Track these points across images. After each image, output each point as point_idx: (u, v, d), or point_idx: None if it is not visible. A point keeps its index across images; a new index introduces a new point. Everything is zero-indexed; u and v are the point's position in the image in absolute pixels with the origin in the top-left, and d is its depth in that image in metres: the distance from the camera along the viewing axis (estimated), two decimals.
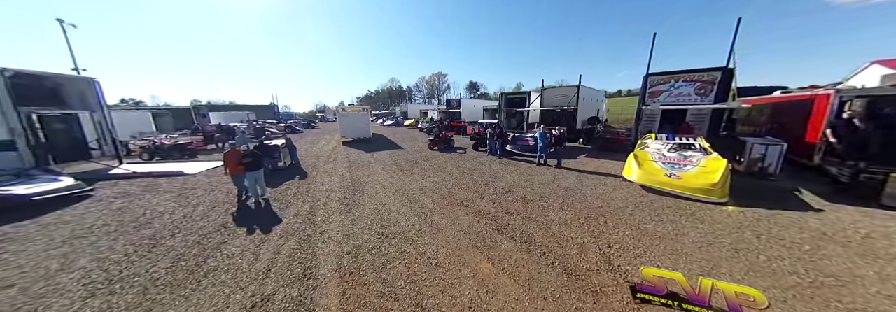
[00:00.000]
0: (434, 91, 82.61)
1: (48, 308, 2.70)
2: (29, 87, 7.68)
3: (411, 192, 6.00)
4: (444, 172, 7.90)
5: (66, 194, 5.81)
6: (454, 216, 4.61)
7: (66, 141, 9.02)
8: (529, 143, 9.84)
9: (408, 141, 16.02)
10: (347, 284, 2.91)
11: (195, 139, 13.53)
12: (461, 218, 4.50)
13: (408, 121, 31.36)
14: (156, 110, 20.09)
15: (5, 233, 4.36)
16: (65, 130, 9.09)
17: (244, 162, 5.40)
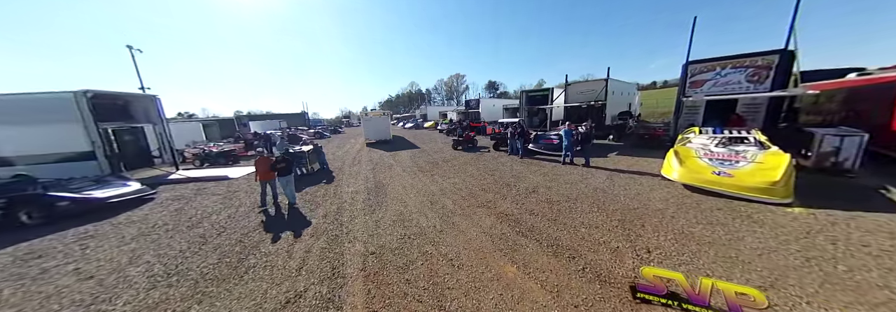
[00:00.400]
0: (452, 92, 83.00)
1: (119, 297, 3.05)
2: (105, 106, 8.88)
3: (432, 193, 6.01)
4: (464, 173, 7.81)
5: (134, 197, 6.60)
6: (475, 217, 4.52)
7: (134, 150, 10.28)
8: (553, 142, 9.44)
9: (427, 142, 16.19)
10: (372, 284, 2.95)
11: (237, 146, 14.77)
12: (483, 220, 4.40)
13: (427, 123, 31.66)
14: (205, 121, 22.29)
15: (87, 231, 5.03)
16: (133, 141, 10.38)
17: (277, 168, 5.64)
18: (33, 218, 5.48)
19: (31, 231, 5.16)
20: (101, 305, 2.93)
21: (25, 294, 3.22)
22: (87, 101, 8.06)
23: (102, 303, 2.95)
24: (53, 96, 7.98)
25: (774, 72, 7.96)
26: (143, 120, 10.41)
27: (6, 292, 3.28)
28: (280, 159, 5.80)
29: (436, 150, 12.63)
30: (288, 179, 5.75)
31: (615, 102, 14.07)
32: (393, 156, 11.50)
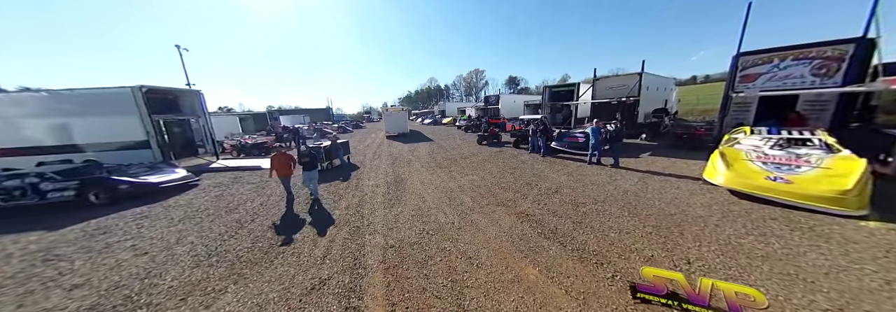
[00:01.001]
0: (472, 88, 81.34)
1: (168, 273, 3.33)
2: (157, 100, 9.69)
3: (450, 190, 5.96)
4: (482, 170, 7.67)
5: (181, 183, 7.19)
6: (495, 216, 4.41)
7: (181, 141, 11.19)
8: (578, 140, 8.92)
9: (445, 139, 16.15)
10: (392, 276, 2.99)
11: (269, 139, 15.62)
12: (502, 219, 4.28)
13: (446, 119, 31.50)
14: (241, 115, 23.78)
15: (142, 212, 5.56)
16: (180, 132, 11.28)
17: (302, 162, 5.60)
18: (100, 198, 6.15)
19: (98, 210, 5.80)
20: (153, 279, 3.22)
21: (93, 265, 3.62)
22: (142, 96, 8.84)
23: (154, 278, 3.24)
24: (114, 91, 8.82)
25: (848, 64, 6.74)
26: (189, 113, 11.27)
27: (78, 263, 3.71)
28: (304, 154, 5.74)
29: (454, 147, 12.54)
30: (312, 175, 5.67)
31: (649, 98, 12.79)
32: (412, 152, 11.59)
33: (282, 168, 5.59)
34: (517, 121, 15.25)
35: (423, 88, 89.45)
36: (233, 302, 2.75)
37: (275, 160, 5.62)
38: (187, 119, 11.33)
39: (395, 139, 17.04)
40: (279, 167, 5.58)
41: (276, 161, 5.61)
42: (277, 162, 5.59)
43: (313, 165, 5.70)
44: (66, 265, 3.65)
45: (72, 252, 4.02)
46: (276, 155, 5.66)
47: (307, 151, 5.98)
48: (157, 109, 9.47)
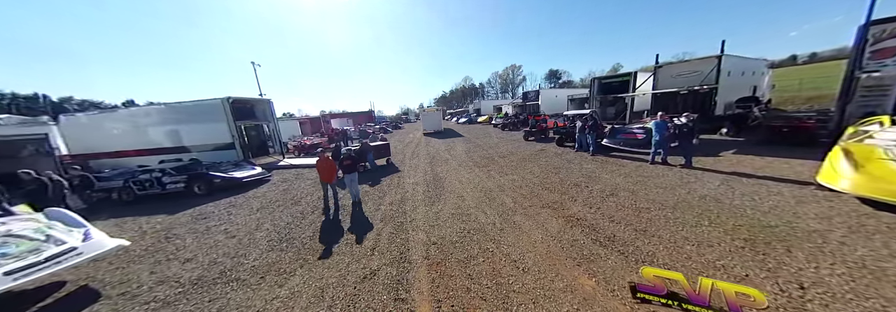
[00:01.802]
0: (508, 85, 77.74)
1: (250, 254, 3.89)
2: (239, 108, 11.40)
3: (489, 189, 5.83)
4: (522, 170, 7.33)
5: (257, 178, 8.35)
6: (540, 219, 4.16)
7: (257, 142, 12.98)
8: (637, 137, 7.87)
9: (481, 137, 15.90)
10: (436, 273, 3.03)
11: (322, 140, 17.26)
12: (548, 222, 4.01)
13: (481, 117, 30.86)
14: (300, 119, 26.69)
15: (231, 202, 6.59)
16: (256, 135, 13.10)
17: (344, 165, 5.51)
18: (201, 189, 7.46)
19: (199, 199, 7.06)
20: (240, 258, 3.79)
21: (198, 243, 4.41)
22: (229, 105, 10.47)
23: (241, 257, 3.82)
24: (209, 102, 10.61)
25: None
26: (262, 119, 13.04)
27: (188, 240, 4.55)
28: (346, 156, 5.64)
29: (490, 145, 12.27)
30: (352, 177, 5.54)
31: (732, 85, 10.30)
32: (448, 151, 11.69)
33: (325, 172, 5.36)
34: (560, 118, 14.18)
35: (457, 88, 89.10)
36: (299, 284, 3.09)
37: (321, 165, 5.37)
38: (261, 124, 13.12)
39: (432, 136, 18.36)
40: (323, 171, 5.37)
41: (322, 165, 5.36)
42: (321, 167, 5.36)
43: (354, 168, 5.62)
44: (180, 242, 4.51)
45: (184, 232, 4.95)
46: (321, 159, 5.43)
47: (348, 153, 5.88)
48: (238, 116, 11.15)
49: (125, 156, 11.20)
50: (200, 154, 10.32)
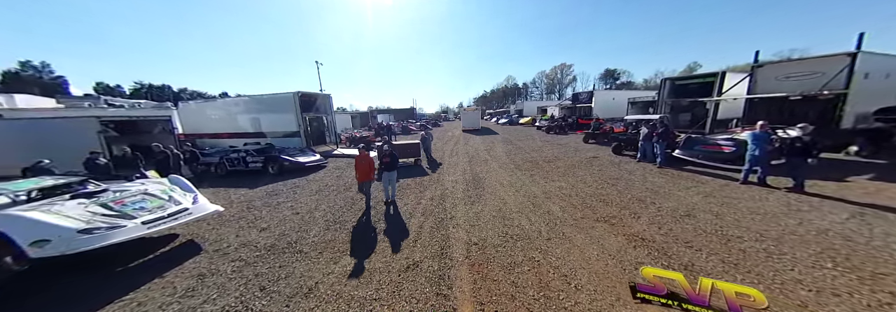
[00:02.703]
0: (555, 85, 72.00)
1: (310, 230, 4.32)
2: (304, 101, 12.77)
3: (533, 195, 5.53)
4: (572, 177, 6.76)
5: (317, 164, 9.28)
6: (594, 233, 3.76)
7: (317, 132, 14.43)
8: (722, 149, 6.57)
9: (524, 140, 15.24)
10: (478, 274, 2.98)
11: (370, 133, 18.45)
12: (605, 238, 3.60)
13: (523, 119, 29.43)
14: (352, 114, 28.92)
15: (296, 183, 7.44)
16: (316, 126, 14.56)
17: (384, 162, 5.17)
18: (273, 170, 8.57)
19: (271, 178, 8.11)
20: (302, 233, 4.24)
21: (271, 216, 5.06)
22: (297, 99, 11.80)
23: (303, 232, 4.27)
24: (282, 95, 12.09)
25: None
26: (322, 111, 14.44)
27: (264, 212, 5.25)
28: (386, 153, 5.24)
29: (534, 149, 11.66)
30: (391, 176, 5.16)
31: (870, 91, 7.64)
32: (488, 152, 11.48)
33: (363, 171, 5.03)
34: (618, 122, 12.76)
35: (499, 87, 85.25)
36: (350, 264, 3.33)
37: (360, 162, 5.04)
38: (321, 116, 14.54)
39: (470, 134, 19.92)
40: (361, 169, 5.02)
41: (361, 163, 5.02)
42: (359, 165, 5.01)
43: (394, 165, 5.22)
44: (258, 213, 5.24)
45: (260, 205, 5.73)
46: (359, 156, 5.10)
47: (389, 150, 5.40)
48: (303, 108, 12.51)
49: (220, 137, 13.44)
50: (273, 139, 11.86)
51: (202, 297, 2.82)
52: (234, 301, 2.74)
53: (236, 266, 3.38)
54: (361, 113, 32.02)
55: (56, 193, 3.81)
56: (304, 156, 9.59)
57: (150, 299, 2.82)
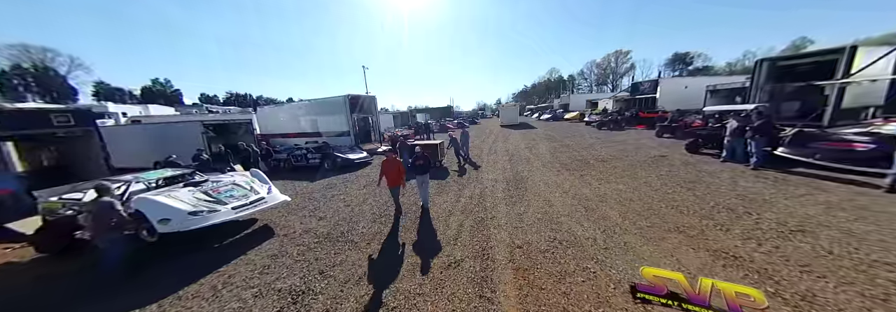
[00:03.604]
0: (608, 76, 62.86)
1: (360, 222, 4.63)
2: (353, 103, 13.81)
3: (585, 198, 5.00)
4: (632, 179, 5.91)
5: (364, 161, 9.98)
6: (666, 245, 3.20)
7: (363, 132, 15.54)
8: (854, 147, 5.13)
9: (571, 136, 13.99)
10: (524, 280, 2.79)
11: (410, 132, 19.15)
12: (681, 252, 3.04)
13: (569, 114, 26.93)
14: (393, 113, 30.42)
15: (346, 177, 8.10)
16: (363, 126, 15.68)
17: (416, 165, 4.80)
18: (328, 166, 9.49)
19: (326, 173, 8.98)
20: (353, 224, 4.57)
21: (327, 206, 5.57)
22: (347, 101, 12.82)
23: (354, 223, 4.59)
24: (335, 99, 13.26)
25: None
26: (368, 112, 15.47)
27: (321, 202, 5.82)
28: (418, 155, 4.87)
29: (583, 146, 10.60)
30: (423, 179, 4.83)
31: None
32: (530, 149, 10.85)
33: (392, 176, 4.57)
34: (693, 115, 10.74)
35: (541, 81, 78.32)
36: (395, 256, 3.45)
37: (385, 167, 4.60)
38: (367, 116, 15.59)
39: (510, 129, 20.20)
40: (389, 175, 4.59)
41: (388, 167, 4.58)
42: (387, 169, 4.60)
43: (427, 168, 4.86)
44: (317, 204, 5.83)
45: (318, 196, 6.38)
46: (387, 160, 4.61)
47: (421, 152, 4.95)
48: (353, 109, 13.55)
49: (287, 137, 15.45)
50: (327, 138, 13.14)
51: (275, 275, 3.23)
52: (298, 281, 3.07)
53: (300, 251, 3.80)
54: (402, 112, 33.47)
55: (174, 182, 4.80)
56: (353, 153, 10.40)
57: (238, 272, 3.34)
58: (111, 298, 2.95)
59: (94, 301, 2.93)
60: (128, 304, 2.81)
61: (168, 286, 3.09)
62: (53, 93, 38.70)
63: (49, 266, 3.82)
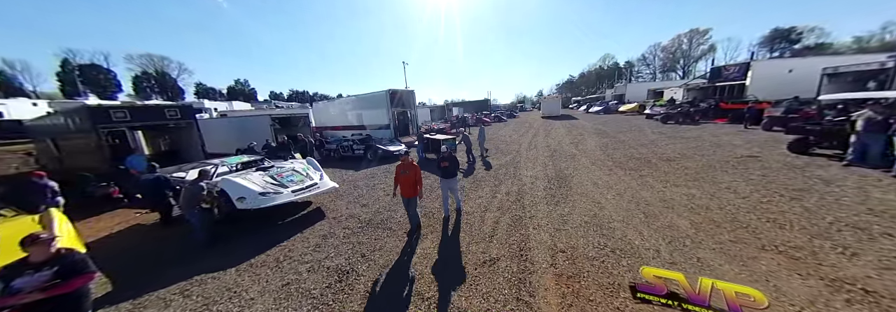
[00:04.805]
0: (677, 61, 51.98)
1: (397, 210, 4.80)
2: (393, 98, 14.30)
3: (645, 202, 4.36)
4: (710, 183, 4.93)
5: (402, 152, 10.36)
6: (758, 267, 2.58)
7: (402, 125, 16.09)
8: None
9: (626, 131, 12.40)
10: (567, 288, 2.55)
11: (446, 126, 19.21)
12: (785, 279, 2.40)
13: (625, 105, 23.63)
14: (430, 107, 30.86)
15: (385, 168, 8.52)
16: (402, 119, 16.22)
17: (441, 168, 4.13)
18: (370, 157, 10.10)
19: (368, 163, 9.57)
20: (391, 212, 4.77)
21: (369, 195, 5.92)
22: (388, 96, 13.33)
23: (392, 212, 4.79)
24: (378, 93, 13.89)
25: None
26: (407, 106, 15.91)
27: (364, 190, 6.21)
28: (444, 157, 4.20)
29: (643, 143, 9.25)
30: (451, 184, 4.18)
31: None
32: (575, 145, 9.93)
33: (406, 183, 3.67)
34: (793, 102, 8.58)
35: (591, 69, 68.95)
36: (432, 246, 3.49)
37: (398, 171, 3.80)
38: (405, 110, 16.06)
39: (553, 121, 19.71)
40: (403, 182, 3.72)
41: (399, 173, 3.76)
42: (400, 175, 3.74)
43: (453, 171, 4.12)
44: (361, 192, 6.25)
45: (362, 185, 6.83)
46: (401, 164, 3.81)
47: (448, 153, 4.29)
48: (393, 104, 14.07)
49: (337, 129, 16.89)
50: (370, 131, 13.96)
51: (325, 254, 3.56)
52: (344, 261, 3.33)
53: (346, 233, 4.11)
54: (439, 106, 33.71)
55: (248, 166, 5.60)
56: (393, 145, 10.87)
57: (296, 248, 3.78)
58: (200, 260, 3.61)
59: (190, 262, 3.62)
60: (213, 266, 3.41)
61: (243, 254, 3.65)
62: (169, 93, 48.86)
63: (164, 230, 4.86)
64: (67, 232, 3.20)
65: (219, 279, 3.15)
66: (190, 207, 3.90)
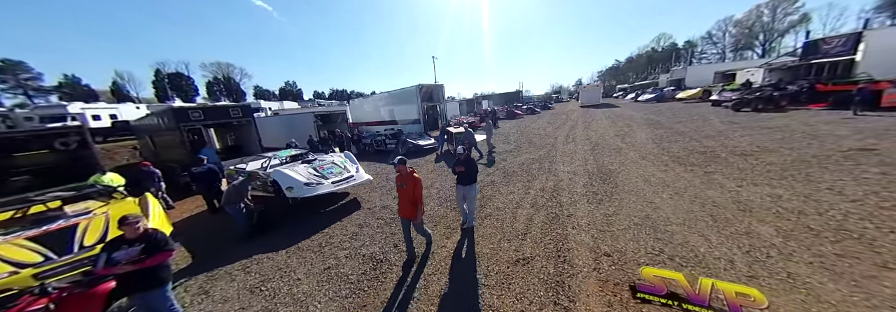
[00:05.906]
0: (756, 36, 41.49)
1: (427, 204, 4.83)
2: (424, 93, 14.38)
3: (712, 203, 3.70)
4: (804, 182, 4.04)
5: (431, 147, 10.43)
6: (880, 290, 2.04)
7: (432, 119, 16.20)
8: None
9: (686, 120, 10.58)
10: (614, 296, 2.28)
11: (475, 119, 18.82)
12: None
13: (685, 92, 20.02)
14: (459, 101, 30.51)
15: (416, 162, 8.66)
16: (431, 114, 16.31)
17: (457, 172, 3.52)
18: (401, 150, 10.38)
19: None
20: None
21: None
22: (418, 91, 13.43)
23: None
24: (407, 89, 14.09)
25: None
26: (436, 100, 15.92)
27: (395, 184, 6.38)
28: (460, 161, 3.54)
29: (708, 134, 7.86)
30: (467, 190, 3.49)
31: None
32: (621, 137, 8.89)
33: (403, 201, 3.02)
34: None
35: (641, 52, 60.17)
36: (460, 242, 3.43)
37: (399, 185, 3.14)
38: (435, 104, 16.08)
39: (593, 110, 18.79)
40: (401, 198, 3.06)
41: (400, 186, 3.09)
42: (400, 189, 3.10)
43: (472, 177, 3.48)
44: (392, 184, 6.45)
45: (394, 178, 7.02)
46: (400, 175, 3.13)
47: (466, 155, 3.60)
48: (423, 99, 14.17)
49: (371, 124, 17.71)
50: (401, 126, 14.32)
51: (361, 242, 3.74)
52: (378, 250, 3.46)
53: (379, 224, 4.28)
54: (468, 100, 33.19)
55: (296, 159, 6.14)
56: (422, 139, 11.01)
57: (335, 235, 4.05)
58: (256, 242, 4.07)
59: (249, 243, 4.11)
60: (265, 248, 3.82)
61: (292, 239, 4.02)
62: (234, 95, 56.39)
63: (224, 217, 5.60)
64: (159, 214, 3.85)
65: (272, 259, 3.52)
66: (230, 203, 4.26)
